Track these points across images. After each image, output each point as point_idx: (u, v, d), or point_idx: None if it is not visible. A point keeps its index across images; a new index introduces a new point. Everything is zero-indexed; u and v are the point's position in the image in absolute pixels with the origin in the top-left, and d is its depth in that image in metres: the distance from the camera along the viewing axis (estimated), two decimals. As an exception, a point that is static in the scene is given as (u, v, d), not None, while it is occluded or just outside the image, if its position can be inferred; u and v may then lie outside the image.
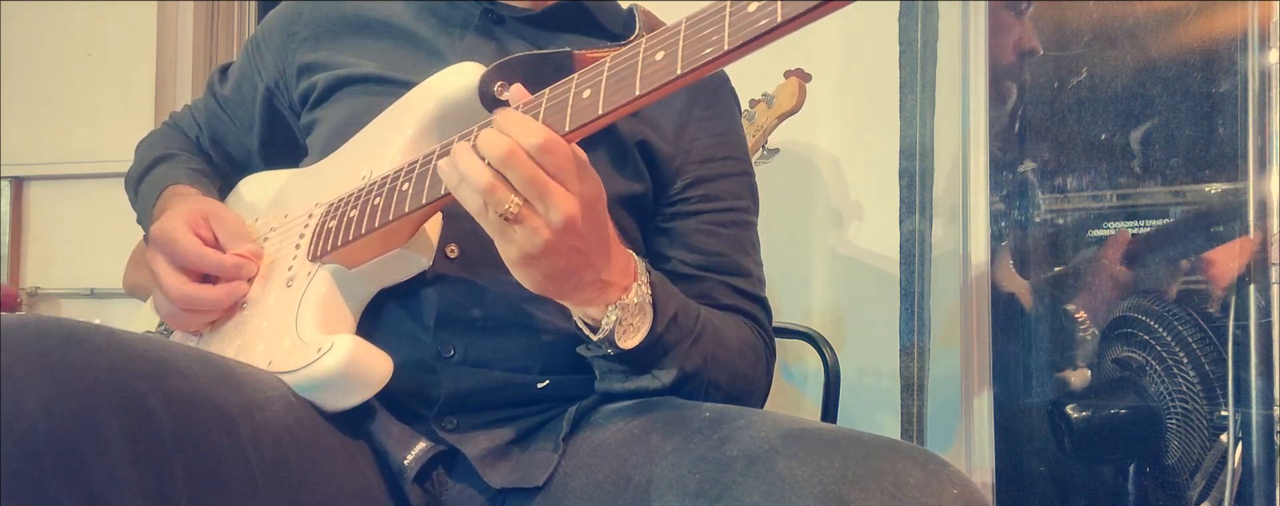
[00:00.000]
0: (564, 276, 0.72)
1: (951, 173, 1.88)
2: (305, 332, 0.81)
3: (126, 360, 0.62)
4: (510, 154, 0.67)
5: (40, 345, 0.59)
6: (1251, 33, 1.52)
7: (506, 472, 0.82)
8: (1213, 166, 1.58)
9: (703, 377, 0.83)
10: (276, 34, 1.05)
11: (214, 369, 0.71)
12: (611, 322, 0.76)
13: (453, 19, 0.99)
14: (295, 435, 0.74)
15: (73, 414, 0.58)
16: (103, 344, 0.62)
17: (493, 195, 0.68)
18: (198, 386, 0.67)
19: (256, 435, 0.70)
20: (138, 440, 0.60)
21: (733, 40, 0.62)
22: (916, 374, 1.80)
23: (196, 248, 0.90)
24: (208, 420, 0.66)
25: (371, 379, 0.78)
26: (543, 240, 0.69)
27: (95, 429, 0.58)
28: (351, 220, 0.83)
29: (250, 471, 0.69)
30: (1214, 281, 1.54)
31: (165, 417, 0.63)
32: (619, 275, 0.76)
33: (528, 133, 0.68)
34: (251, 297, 0.91)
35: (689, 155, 0.96)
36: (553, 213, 0.68)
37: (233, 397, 0.70)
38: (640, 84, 0.67)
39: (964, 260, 1.85)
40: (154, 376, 0.63)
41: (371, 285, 0.86)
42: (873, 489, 0.60)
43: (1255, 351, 1.47)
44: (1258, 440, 1.46)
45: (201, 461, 0.65)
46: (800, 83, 1.69)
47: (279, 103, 1.07)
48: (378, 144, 0.90)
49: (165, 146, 1.12)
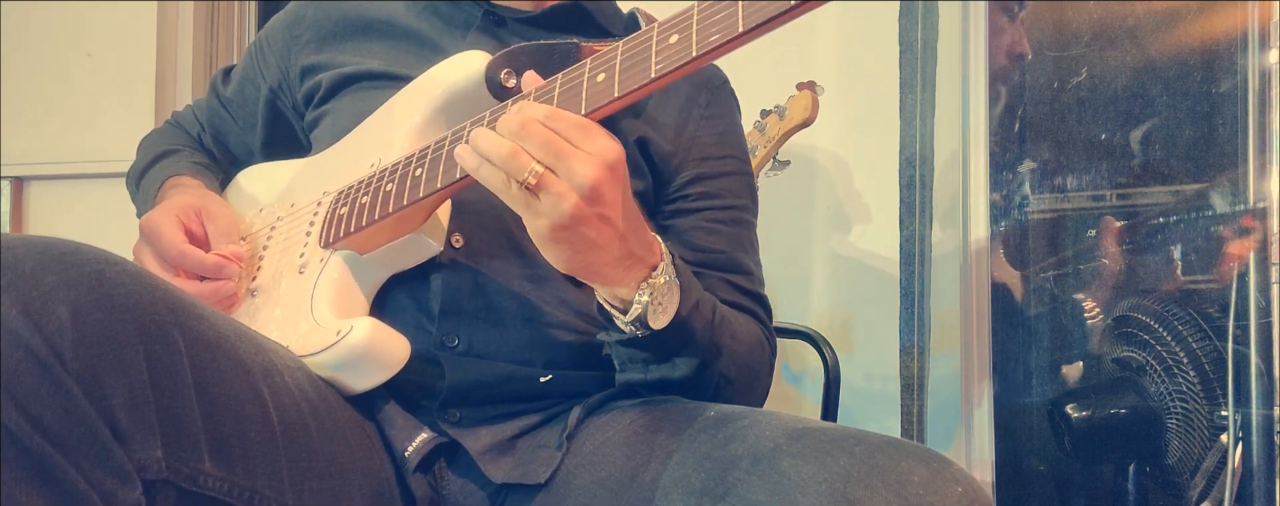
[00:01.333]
0: (594, 249, 0.71)
1: (951, 173, 1.88)
2: (321, 317, 0.82)
3: (155, 294, 0.63)
4: (525, 123, 0.68)
5: (72, 259, 0.60)
6: (1251, 33, 1.52)
7: (508, 468, 0.82)
8: (1213, 166, 1.58)
9: (717, 369, 0.83)
10: (280, 36, 1.06)
11: (234, 328, 0.71)
12: (644, 302, 0.75)
13: (455, 19, 0.99)
14: (314, 404, 0.75)
15: (99, 323, 0.58)
16: (134, 273, 0.62)
17: (514, 161, 0.68)
18: (222, 335, 0.68)
19: (277, 393, 0.71)
20: (158, 366, 0.61)
21: (748, 22, 0.62)
22: (916, 374, 1.80)
23: (178, 245, 0.90)
24: (228, 369, 0.67)
25: (391, 360, 0.79)
26: (570, 206, 0.68)
27: (118, 345, 0.59)
28: (364, 206, 0.84)
29: (271, 424, 0.69)
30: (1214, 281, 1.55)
31: (186, 352, 0.63)
32: (646, 252, 0.75)
33: (536, 107, 0.70)
34: (261, 286, 0.91)
35: (689, 153, 0.97)
36: (575, 175, 0.67)
37: (255, 356, 0.71)
38: (655, 66, 0.67)
39: (964, 260, 1.86)
40: (180, 313, 0.64)
41: (384, 270, 0.87)
42: (878, 487, 0.60)
43: (1255, 351, 1.47)
44: (1258, 440, 1.47)
45: (221, 404, 0.65)
46: (813, 95, 1.69)
47: (282, 104, 1.07)
48: (385, 132, 0.91)
49: (168, 143, 1.13)
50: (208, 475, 0.64)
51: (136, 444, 0.59)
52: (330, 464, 0.75)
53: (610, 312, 0.79)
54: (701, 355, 0.81)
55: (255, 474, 0.67)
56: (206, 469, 0.64)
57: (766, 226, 1.03)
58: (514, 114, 0.69)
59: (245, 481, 0.67)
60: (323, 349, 0.79)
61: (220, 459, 0.65)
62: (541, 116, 0.69)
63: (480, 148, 0.70)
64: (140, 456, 0.59)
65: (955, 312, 1.86)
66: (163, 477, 0.61)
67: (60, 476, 0.56)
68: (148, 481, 0.60)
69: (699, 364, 0.81)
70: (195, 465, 0.63)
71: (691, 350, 0.81)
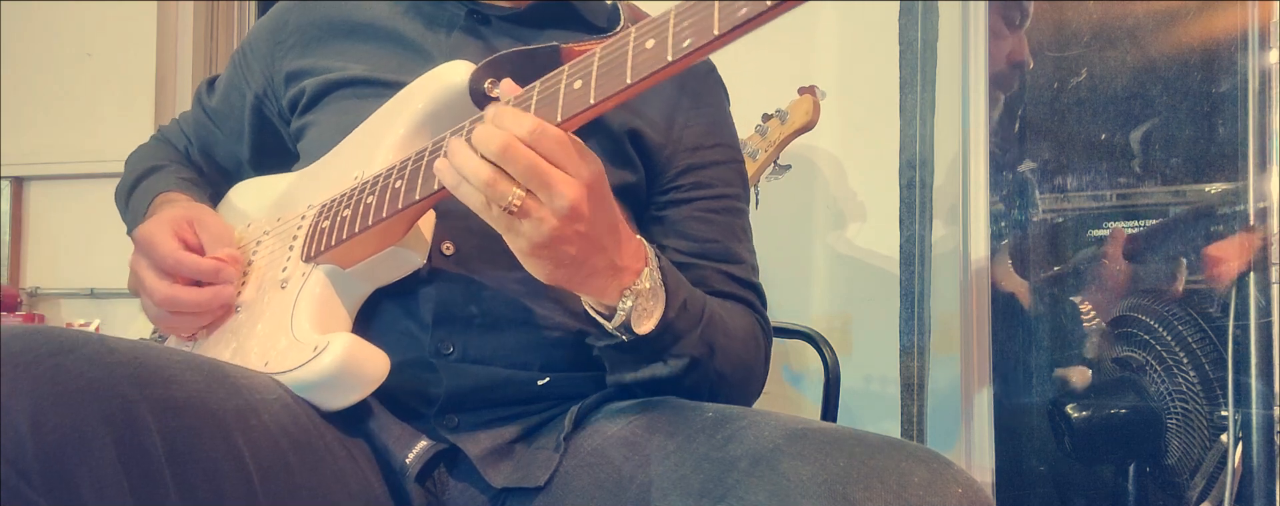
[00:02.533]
0: (576, 264, 0.72)
1: (951, 173, 1.88)
2: (301, 332, 0.81)
3: (114, 368, 0.62)
4: (507, 145, 0.67)
5: (27, 356, 0.59)
6: (1251, 33, 1.52)
7: (508, 472, 0.82)
8: (1213, 166, 1.58)
9: (710, 367, 0.83)
10: (263, 42, 1.05)
11: (206, 374, 0.71)
12: (627, 308, 0.76)
13: (438, 19, 0.99)
14: (293, 437, 0.74)
15: (59, 425, 0.58)
16: (91, 353, 0.62)
17: (495, 189, 0.68)
18: (191, 393, 0.67)
19: (253, 439, 0.70)
20: (126, 449, 0.60)
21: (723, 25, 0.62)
22: (917, 374, 1.80)
23: (174, 252, 0.90)
24: (201, 427, 0.66)
25: (368, 377, 0.78)
26: (550, 228, 0.68)
27: (83, 439, 0.58)
28: (345, 219, 0.83)
29: (247, 476, 0.68)
30: (1214, 281, 1.55)
31: (155, 427, 0.62)
32: (630, 259, 0.76)
33: (521, 123, 0.68)
34: (245, 301, 0.91)
35: (680, 144, 0.97)
36: (557, 199, 0.68)
37: (227, 402, 0.70)
38: (631, 73, 0.67)
39: (964, 261, 1.85)
40: (143, 384, 0.63)
41: (367, 284, 0.86)
42: (877, 487, 0.60)
43: (1255, 351, 1.47)
44: (1258, 440, 1.47)
45: (195, 469, 0.65)
46: (814, 100, 1.68)
47: (268, 111, 1.07)
48: (369, 144, 0.90)
49: (155, 158, 1.12)
50: None
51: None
52: (314, 498, 0.74)
53: (596, 319, 0.79)
54: (691, 354, 0.81)
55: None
56: None
57: (766, 226, 1.03)
58: (494, 131, 0.68)
59: None
60: (297, 366, 0.78)
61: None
62: (525, 135, 0.68)
63: (459, 166, 0.69)
64: None
65: (955, 313, 1.85)
66: None
67: None
68: None
69: (689, 363, 0.81)
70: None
71: (680, 350, 0.81)
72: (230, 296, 0.90)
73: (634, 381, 0.83)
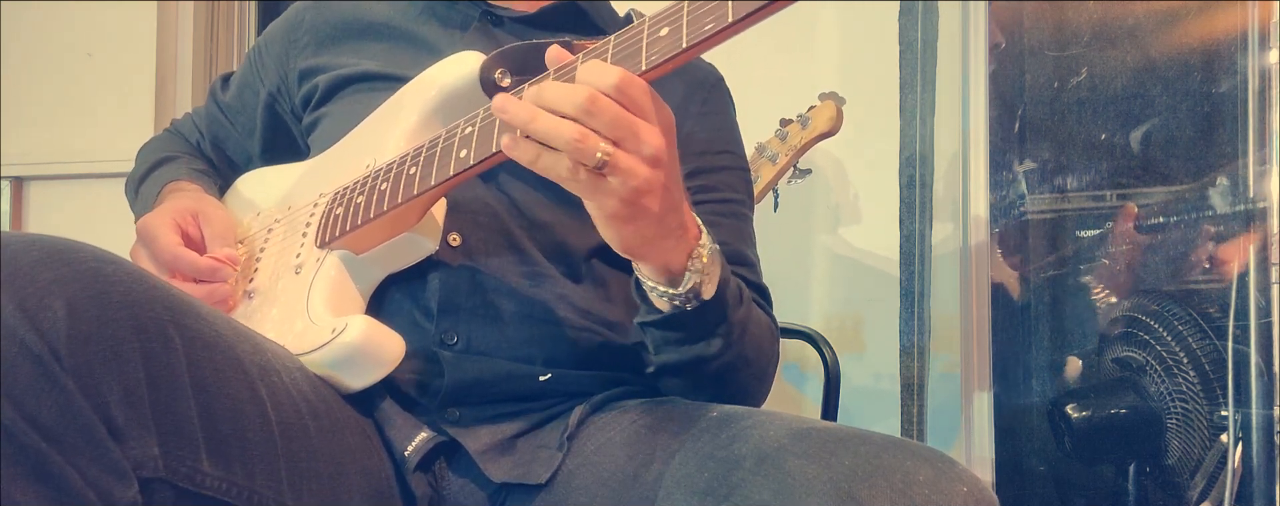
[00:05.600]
0: (656, 221, 0.70)
1: (951, 172, 1.89)
2: (317, 315, 0.82)
3: (151, 291, 0.62)
4: (593, 98, 0.64)
5: (70, 255, 0.59)
6: (1251, 33, 1.53)
7: (508, 468, 0.82)
8: (1213, 166, 1.58)
9: (740, 349, 0.82)
10: (278, 41, 1.07)
11: (233, 328, 0.71)
12: (698, 268, 0.74)
13: (452, 20, 1.00)
14: (313, 403, 0.75)
15: (94, 319, 0.58)
16: (131, 271, 0.62)
17: (584, 145, 0.64)
18: (219, 335, 0.67)
19: (275, 394, 0.70)
20: (154, 364, 0.60)
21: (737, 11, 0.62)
22: (917, 374, 1.80)
23: (173, 247, 0.90)
24: (227, 368, 0.66)
25: (386, 357, 0.79)
26: (640, 179, 0.66)
27: (113, 342, 0.58)
28: (359, 206, 0.84)
29: (269, 425, 0.68)
30: (1214, 281, 1.55)
31: (183, 351, 0.62)
32: (691, 221, 0.75)
33: (604, 75, 0.66)
34: (258, 288, 0.92)
35: (687, 148, 0.97)
36: (645, 147, 0.66)
37: (252, 356, 0.70)
38: (647, 59, 0.67)
39: (964, 260, 1.86)
40: (177, 312, 0.63)
41: (380, 269, 0.87)
42: (882, 486, 0.60)
43: (1255, 351, 1.47)
44: (1258, 440, 1.47)
45: (220, 402, 0.65)
46: (836, 106, 1.67)
47: (281, 108, 1.08)
48: (380, 134, 0.91)
49: (167, 149, 1.13)
50: (205, 474, 0.63)
51: (133, 441, 0.59)
52: (329, 463, 0.74)
53: (657, 290, 0.77)
54: (732, 332, 0.80)
55: (253, 474, 0.67)
56: (204, 468, 0.63)
57: (767, 226, 1.03)
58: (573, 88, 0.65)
59: (243, 481, 0.66)
60: (317, 347, 0.78)
61: (218, 458, 0.64)
62: (610, 87, 0.65)
63: (539, 132, 0.66)
64: (136, 454, 0.59)
65: (955, 313, 1.86)
66: (159, 476, 0.61)
67: (56, 474, 0.56)
68: (144, 479, 0.60)
69: (723, 342, 0.80)
70: (193, 464, 0.63)
71: (721, 328, 0.79)
72: (226, 295, 0.91)
73: (677, 363, 0.82)
